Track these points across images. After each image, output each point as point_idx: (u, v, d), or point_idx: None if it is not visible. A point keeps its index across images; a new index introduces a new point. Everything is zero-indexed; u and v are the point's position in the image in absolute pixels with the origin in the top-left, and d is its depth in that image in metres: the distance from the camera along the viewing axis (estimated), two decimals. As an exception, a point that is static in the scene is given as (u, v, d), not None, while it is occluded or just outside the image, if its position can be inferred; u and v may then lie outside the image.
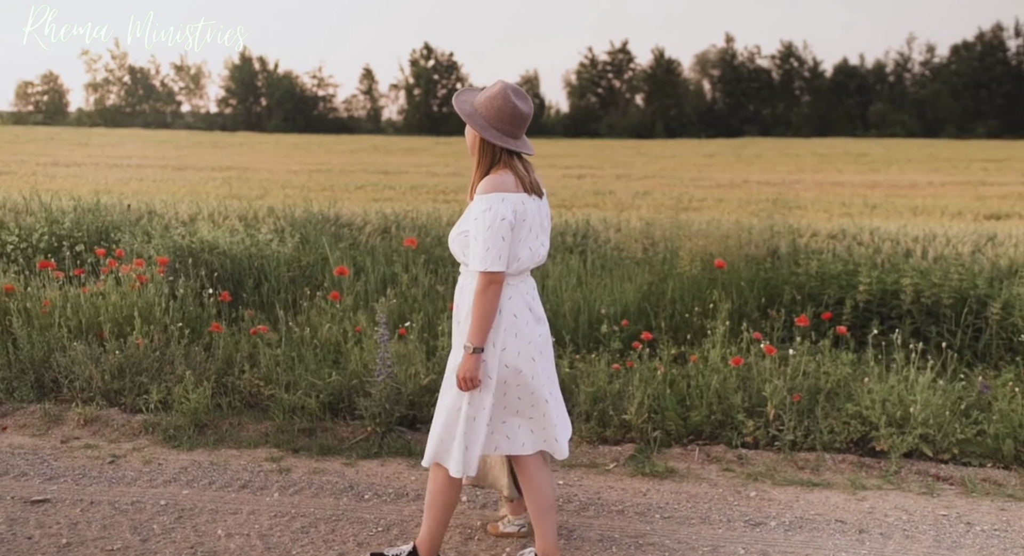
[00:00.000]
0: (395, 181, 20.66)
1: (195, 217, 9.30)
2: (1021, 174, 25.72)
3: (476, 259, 3.12)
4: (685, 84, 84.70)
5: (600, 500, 4.23)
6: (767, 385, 4.78)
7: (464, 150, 28.49)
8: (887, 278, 5.80)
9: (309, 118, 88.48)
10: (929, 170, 27.18)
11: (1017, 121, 75.09)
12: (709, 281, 5.93)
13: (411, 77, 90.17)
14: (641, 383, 4.97)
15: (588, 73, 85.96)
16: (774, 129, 75.89)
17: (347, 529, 3.91)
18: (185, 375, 5.35)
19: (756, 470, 4.58)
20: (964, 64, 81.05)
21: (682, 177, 23.70)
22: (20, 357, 5.63)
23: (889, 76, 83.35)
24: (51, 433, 5.10)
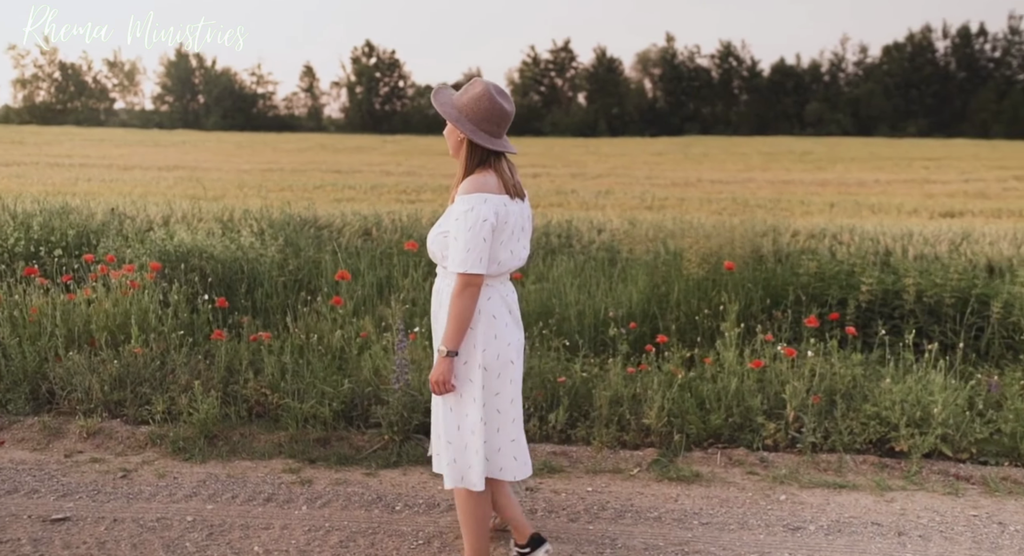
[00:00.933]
0: (351, 180, 20.41)
1: (167, 219, 9.07)
2: (960, 173, 26.43)
3: (456, 260, 3.07)
4: (627, 83, 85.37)
5: (633, 507, 4.21)
6: (787, 387, 4.81)
7: (413, 149, 28.55)
8: (887, 278, 5.89)
9: (248, 116, 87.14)
10: (873, 169, 27.77)
11: (945, 120, 77.32)
12: (714, 282, 5.96)
13: (353, 75, 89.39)
14: (660, 387, 4.97)
15: (531, 71, 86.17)
16: (714, 127, 76.95)
17: (387, 543, 3.83)
18: (190, 385, 5.21)
19: (780, 473, 4.60)
20: (895, 64, 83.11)
21: (636, 176, 23.86)
22: (11, 368, 5.41)
23: (824, 76, 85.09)
24: (52, 447, 4.91)
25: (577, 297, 6.07)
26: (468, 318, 3.14)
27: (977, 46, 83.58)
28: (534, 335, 5.80)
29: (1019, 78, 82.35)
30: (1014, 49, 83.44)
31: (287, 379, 5.29)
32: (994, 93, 79.76)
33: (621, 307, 5.90)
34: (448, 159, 31.23)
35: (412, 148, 38.68)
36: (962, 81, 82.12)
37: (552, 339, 5.66)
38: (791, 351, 4.96)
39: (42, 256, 6.87)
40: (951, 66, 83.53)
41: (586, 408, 5.15)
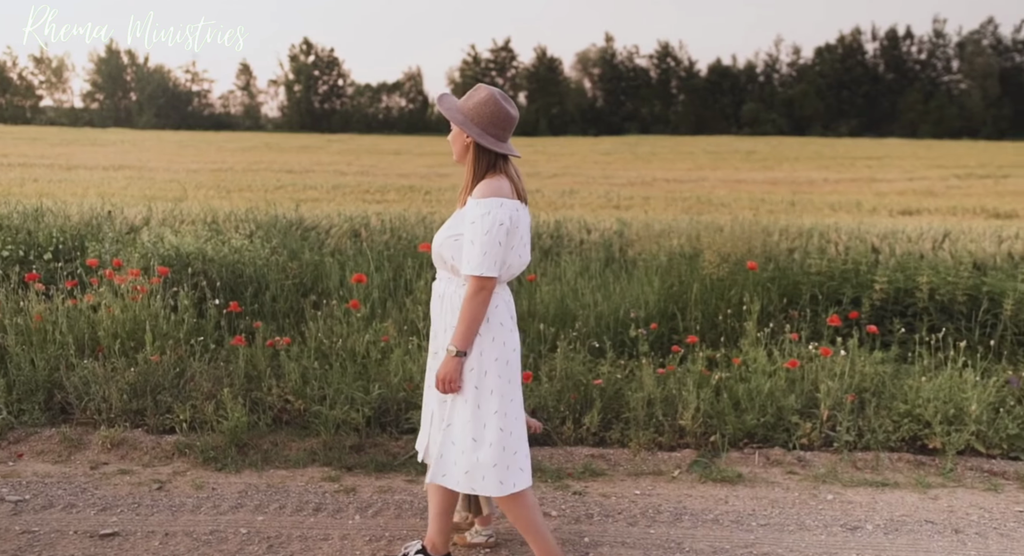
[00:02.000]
0: (308, 180, 20.15)
1: (148, 221, 8.83)
2: (902, 171, 27.17)
3: (472, 263, 3.08)
4: (567, 82, 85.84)
5: (687, 509, 4.22)
6: (822, 386, 4.87)
7: (360, 149, 28.38)
8: (898, 276, 6.01)
9: (184, 114, 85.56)
10: (818, 167, 28.37)
11: (875, 120, 79.47)
12: (731, 282, 6.01)
13: (291, 73, 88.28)
14: (694, 388, 4.99)
15: (471, 70, 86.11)
16: (653, 127, 77.80)
17: (456, 551, 3.77)
18: (213, 392, 5.08)
19: (819, 472, 4.66)
20: (827, 65, 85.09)
21: (592, 175, 24.00)
22: (21, 377, 5.20)
23: (759, 76, 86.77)
24: (74, 459, 4.74)
25: (593, 298, 6.06)
26: (480, 320, 3.15)
27: (904, 48, 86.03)
28: (554, 337, 5.78)
29: (944, 80, 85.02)
30: (939, 52, 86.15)
31: (315, 385, 5.18)
32: (921, 94, 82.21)
33: (638, 307, 5.91)
34: (400, 159, 31.12)
35: (358, 147, 38.36)
36: (890, 82, 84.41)
37: (578, 341, 5.64)
38: (827, 351, 5.03)
39: (31, 261, 6.62)
40: (880, 68, 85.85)
41: (617, 410, 5.14)
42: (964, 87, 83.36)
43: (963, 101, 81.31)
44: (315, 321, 5.98)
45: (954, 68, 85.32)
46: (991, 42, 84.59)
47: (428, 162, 29.47)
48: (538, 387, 5.08)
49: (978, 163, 29.92)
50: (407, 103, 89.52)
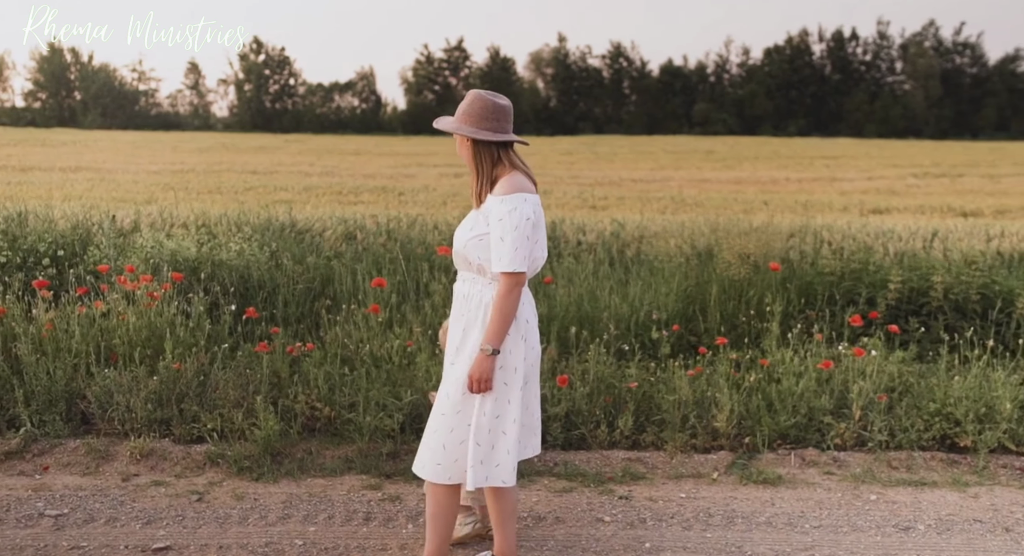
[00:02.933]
0: (276, 181, 19.89)
1: (136, 224, 8.64)
2: (860, 171, 27.67)
3: (503, 261, 3.11)
4: (520, 82, 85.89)
5: (736, 512, 4.23)
6: (854, 386, 4.93)
7: (319, 149, 28.23)
8: (912, 275, 6.10)
9: (130, 114, 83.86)
10: (778, 167, 28.76)
11: (823, 120, 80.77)
12: (749, 283, 6.05)
13: (241, 72, 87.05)
14: (728, 390, 5.01)
15: (424, 70, 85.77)
16: (607, 126, 78.19)
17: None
18: (240, 400, 4.99)
19: (855, 472, 4.71)
20: (776, 66, 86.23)
21: (559, 175, 24.05)
22: (37, 388, 5.04)
23: (710, 77, 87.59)
24: (103, 471, 4.61)
25: (611, 300, 6.07)
26: (513, 317, 3.18)
27: (850, 49, 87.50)
28: (577, 339, 5.77)
29: (888, 81, 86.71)
30: (883, 53, 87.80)
31: (343, 391, 5.11)
32: (866, 94, 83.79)
33: (659, 309, 5.93)
34: (362, 159, 30.91)
35: (317, 147, 37.98)
36: (837, 83, 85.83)
37: (602, 343, 5.64)
38: (860, 351, 5.09)
39: (32, 267, 6.44)
40: (827, 69, 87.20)
41: (647, 412, 5.15)
42: (907, 88, 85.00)
43: (907, 101, 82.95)
44: (333, 326, 5.90)
45: (898, 69, 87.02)
46: (932, 44, 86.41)
47: (390, 162, 29.28)
48: (571, 391, 5.06)
49: (931, 162, 30.58)
50: (360, 103, 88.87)
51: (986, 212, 15.37)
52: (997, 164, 30.67)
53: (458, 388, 3.26)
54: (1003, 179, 24.53)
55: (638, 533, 3.99)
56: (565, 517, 4.15)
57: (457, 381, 3.27)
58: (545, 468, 4.74)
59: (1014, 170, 27.66)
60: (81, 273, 6.34)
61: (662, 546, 3.86)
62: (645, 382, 5.28)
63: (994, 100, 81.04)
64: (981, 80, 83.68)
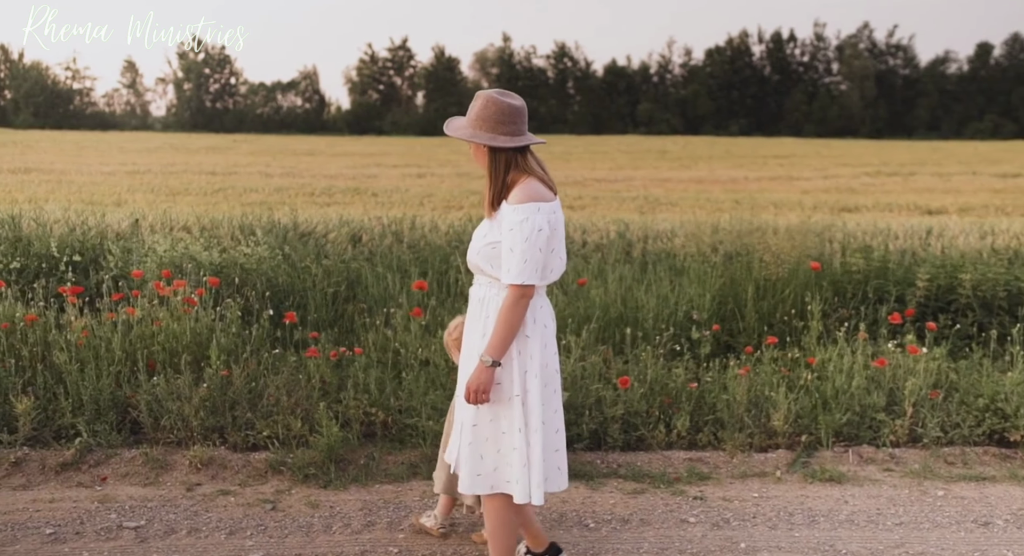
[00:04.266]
0: (241, 182, 19.57)
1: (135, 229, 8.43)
2: (814, 170, 28.22)
3: (512, 272, 3.03)
4: (465, 82, 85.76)
5: (815, 510, 4.28)
6: (908, 383, 5.03)
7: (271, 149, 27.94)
8: (940, 273, 6.25)
9: (65, 113, 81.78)
10: (733, 166, 29.17)
11: (763, 120, 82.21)
12: (785, 282, 6.13)
13: (180, 71, 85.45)
14: (784, 389, 5.08)
15: (368, 70, 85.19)
16: (552, 126, 78.45)
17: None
18: (289, 406, 4.90)
19: (913, 468, 4.79)
20: (717, 67, 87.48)
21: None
22: (84, 397, 4.89)
23: (653, 77, 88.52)
24: (163, 481, 4.50)
25: (646, 300, 6.10)
26: (518, 329, 3.10)
27: (788, 51, 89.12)
28: (620, 338, 5.80)
29: (825, 81, 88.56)
30: (820, 54, 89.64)
31: (399, 395, 5.06)
32: (804, 95, 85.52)
33: (695, 309, 5.98)
34: (318, 160, 30.58)
35: (269, 148, 37.44)
36: (776, 83, 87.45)
37: (645, 343, 5.67)
38: (915, 349, 5.19)
39: (53, 273, 6.25)
40: (766, 69, 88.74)
41: (700, 412, 5.18)
42: (844, 88, 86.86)
43: (843, 101, 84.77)
44: (369, 330, 5.84)
45: (834, 70, 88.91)
46: (867, 46, 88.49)
47: (347, 163, 29.00)
48: (627, 393, 5.07)
49: (880, 162, 31.31)
50: (303, 102, 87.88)
51: (950, 209, 15.79)
52: (943, 163, 31.54)
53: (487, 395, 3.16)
54: (952, 177, 25.23)
55: (727, 533, 4.02)
56: (649, 519, 4.16)
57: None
58: (609, 470, 4.74)
59: (960, 169, 28.46)
60: (103, 278, 6.17)
61: (756, 546, 3.89)
62: (704, 382, 5.32)
63: (926, 100, 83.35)
64: (913, 81, 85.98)
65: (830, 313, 5.98)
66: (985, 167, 29.45)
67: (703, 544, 3.90)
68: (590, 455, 4.87)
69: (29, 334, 5.28)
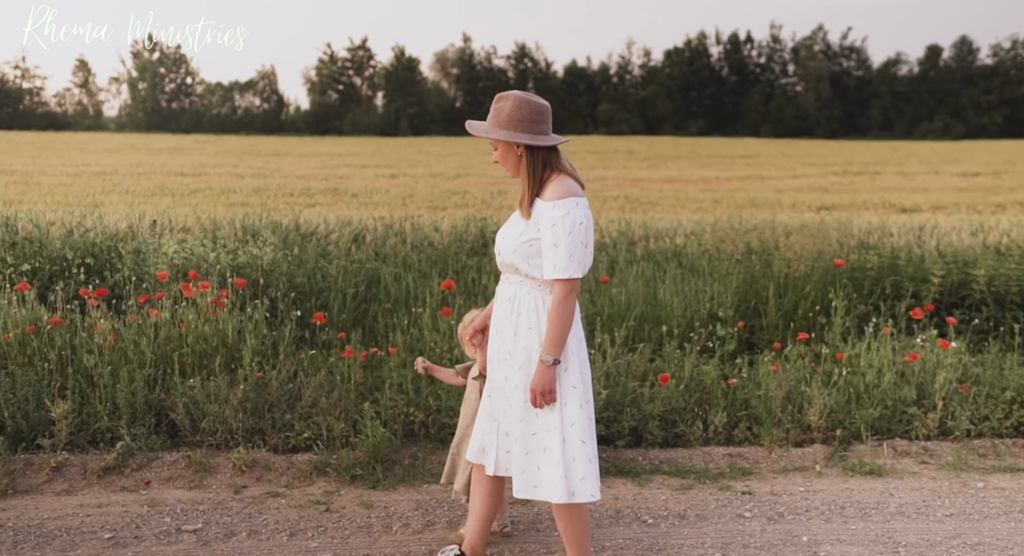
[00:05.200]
0: (216, 183, 19.33)
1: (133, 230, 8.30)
2: (781, 169, 28.58)
3: (558, 267, 3.04)
4: (425, 82, 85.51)
5: (864, 504, 4.33)
6: (937, 377, 5.13)
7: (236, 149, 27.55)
8: (952, 269, 6.38)
9: (15, 112, 79.99)
10: (702, 166, 29.44)
11: (721, 120, 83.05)
12: (805, 279, 6.21)
13: (134, 70, 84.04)
14: (820, 385, 5.15)
15: (328, 70, 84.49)
16: (512, 127, 78.48)
17: (692, 553, 3.77)
18: (333, 408, 4.87)
19: (947, 461, 4.89)
20: (676, 68, 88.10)
21: (495, 175, 24.05)
22: (119, 401, 4.80)
23: (613, 77, 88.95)
24: (208, 484, 4.44)
25: (669, 298, 6.15)
26: (570, 324, 3.12)
27: (745, 52, 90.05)
28: (649, 336, 5.83)
29: (781, 82, 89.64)
30: (776, 56, 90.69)
31: (439, 395, 5.04)
32: (761, 96, 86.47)
33: (721, 307, 6.04)
34: (287, 160, 30.26)
35: (233, 149, 36.96)
36: (734, 84, 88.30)
37: (671, 340, 5.71)
38: (945, 344, 5.29)
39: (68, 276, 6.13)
40: (724, 70, 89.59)
41: (734, 407, 5.23)
42: (799, 89, 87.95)
43: (799, 102, 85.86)
44: (400, 330, 5.82)
45: (790, 71, 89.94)
46: (821, 47, 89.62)
47: (316, 163, 28.75)
48: (663, 389, 5.11)
49: (844, 161, 31.78)
50: (262, 102, 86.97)
51: (923, 208, 16.08)
52: (903, 162, 32.09)
53: (522, 396, 3.19)
54: (916, 177, 25.70)
55: (785, 527, 4.07)
56: (705, 514, 4.19)
57: (516, 389, 3.21)
58: (652, 467, 4.77)
59: (922, 168, 29.01)
60: (118, 280, 6.07)
61: (817, 540, 3.94)
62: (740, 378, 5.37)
63: (879, 101, 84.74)
64: (866, 83, 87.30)
65: (850, 309, 6.07)
66: (945, 166, 30.04)
67: (764, 538, 3.94)
68: (631, 452, 4.90)
69: (56, 338, 5.17)
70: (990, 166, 29.96)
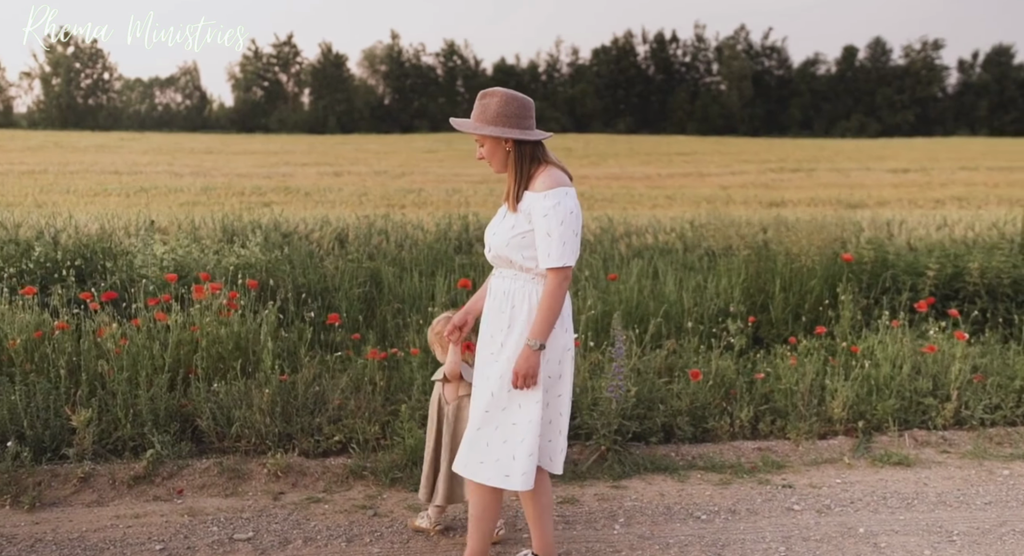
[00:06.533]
0: (158, 182, 18.79)
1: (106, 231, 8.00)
2: (720, 166, 29.07)
3: (553, 256, 3.07)
4: (352, 80, 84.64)
5: (903, 493, 4.40)
6: (952, 368, 5.25)
7: (165, 147, 26.96)
8: (946, 262, 6.55)
9: (-84, 110, 76.73)
10: (642, 163, 29.76)
11: (649, 118, 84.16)
12: (808, 274, 6.30)
13: (47, 65, 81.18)
14: (843, 379, 5.22)
15: (252, 66, 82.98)
16: (443, 125, 78.20)
17: (743, 549, 3.79)
18: (355, 410, 4.77)
19: (967, 449, 5.01)
20: (604, 66, 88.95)
21: (440, 173, 23.96)
22: (141, 407, 4.61)
23: (542, 76, 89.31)
24: (243, 491, 4.30)
25: (679, 294, 6.18)
26: (559, 311, 3.15)
27: (671, 51, 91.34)
28: (657, 332, 5.85)
29: (706, 81, 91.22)
30: (701, 55, 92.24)
31: (468, 395, 4.97)
32: (687, 94, 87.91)
33: (732, 302, 6.09)
34: (221, 158, 29.63)
35: (160, 146, 36.01)
36: (660, 83, 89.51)
37: (684, 336, 5.73)
38: (961, 335, 5.42)
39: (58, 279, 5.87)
40: (651, 69, 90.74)
41: (755, 401, 5.28)
42: (723, 88, 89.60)
43: (723, 101, 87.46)
44: (413, 330, 5.72)
45: (714, 70, 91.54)
46: (744, 47, 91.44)
47: (254, 162, 28.18)
48: (695, 385, 5.13)
49: (777, 158, 32.48)
50: (183, 99, 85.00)
51: (868, 203, 16.52)
52: (834, 159, 32.94)
53: (503, 385, 3.18)
54: (850, 173, 26.41)
55: (837, 519, 4.11)
56: (755, 509, 4.22)
57: (502, 378, 3.20)
58: (686, 462, 4.79)
59: (853, 165, 29.82)
60: (116, 283, 5.84)
61: (874, 531, 3.99)
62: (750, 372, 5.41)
63: (799, 100, 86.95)
64: (786, 82, 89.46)
65: (855, 303, 6.18)
66: (874, 163, 30.94)
67: (821, 531, 3.98)
68: (664, 448, 4.90)
69: (63, 343, 4.94)
70: (916, 163, 30.98)
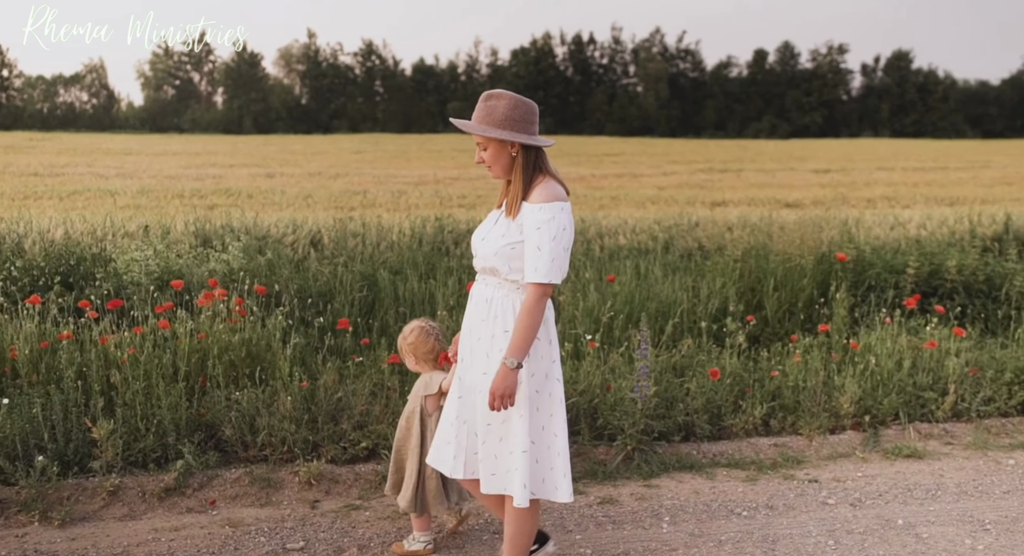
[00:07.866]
0: (86, 185, 18.15)
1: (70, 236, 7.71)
2: (650, 167, 29.46)
3: (540, 270, 2.98)
4: (268, 79, 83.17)
5: (925, 485, 4.55)
6: (950, 362, 5.46)
7: (83, 148, 26.10)
8: (923, 261, 6.79)
9: None
10: (573, 164, 29.92)
11: (568, 119, 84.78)
12: (799, 273, 6.45)
13: (-57, 62, 77.59)
14: (851, 375, 5.37)
15: (163, 64, 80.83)
16: (362, 125, 77.55)
17: (796, 544, 3.87)
18: (379, 415, 4.71)
19: (968, 441, 5.20)
20: (523, 67, 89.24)
21: (377, 174, 23.71)
22: (159, 418, 4.46)
23: (461, 76, 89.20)
24: (277, 500, 4.22)
25: (675, 294, 6.26)
26: (537, 329, 3.05)
27: (589, 53, 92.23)
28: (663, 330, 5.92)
29: (623, 83, 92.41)
30: (618, 57, 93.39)
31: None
32: (605, 96, 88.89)
33: (729, 301, 6.20)
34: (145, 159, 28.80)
35: (76, 147, 34.74)
36: (579, 84, 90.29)
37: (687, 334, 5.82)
38: (960, 331, 5.62)
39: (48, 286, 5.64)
40: (569, 71, 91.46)
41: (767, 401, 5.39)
42: (640, 90, 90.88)
43: (640, 102, 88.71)
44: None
45: (631, 72, 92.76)
46: (659, 49, 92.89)
47: (179, 163, 27.40)
48: (707, 383, 5.21)
49: (704, 159, 33.09)
50: (90, 97, 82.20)
51: (806, 203, 16.95)
52: (757, 160, 33.72)
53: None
54: (776, 173, 27.05)
55: (873, 512, 4.23)
56: (791, 503, 4.31)
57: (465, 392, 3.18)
58: (709, 460, 4.87)
59: (777, 166, 30.57)
60: (109, 290, 5.63)
61: (911, 522, 4.11)
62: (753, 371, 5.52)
63: (713, 102, 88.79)
64: (701, 84, 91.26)
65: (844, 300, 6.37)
66: (796, 164, 31.79)
67: (863, 523, 4.09)
68: (686, 447, 4.97)
69: (74, 353, 4.74)
70: (834, 163, 31.94)
